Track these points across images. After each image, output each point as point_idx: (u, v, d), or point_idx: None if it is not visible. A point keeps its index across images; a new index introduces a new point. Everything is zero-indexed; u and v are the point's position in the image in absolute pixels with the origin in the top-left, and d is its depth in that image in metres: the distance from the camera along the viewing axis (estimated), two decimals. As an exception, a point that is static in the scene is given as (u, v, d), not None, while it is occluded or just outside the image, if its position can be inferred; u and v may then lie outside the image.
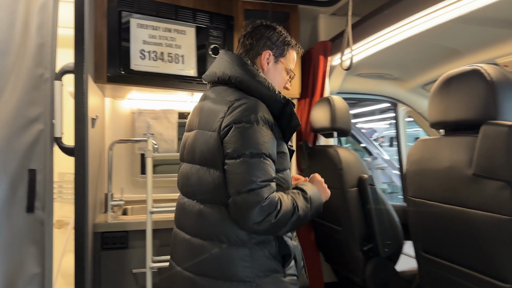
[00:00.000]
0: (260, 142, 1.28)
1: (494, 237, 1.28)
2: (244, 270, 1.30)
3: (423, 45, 2.32)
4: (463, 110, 1.41)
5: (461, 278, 1.45)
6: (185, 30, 2.40)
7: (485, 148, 1.29)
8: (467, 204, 1.37)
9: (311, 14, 2.79)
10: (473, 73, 1.38)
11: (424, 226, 1.63)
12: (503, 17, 1.88)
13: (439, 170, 1.50)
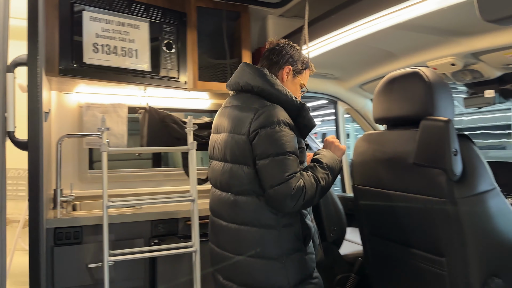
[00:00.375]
0: (283, 142, 1.57)
1: (431, 217, 1.49)
2: (274, 249, 1.60)
3: (363, 48, 2.53)
4: (404, 107, 1.61)
5: (405, 255, 1.66)
6: (138, 25, 2.40)
7: (424, 140, 1.50)
8: (408, 190, 1.58)
9: (260, 15, 2.91)
10: (413, 75, 1.58)
11: (370, 211, 1.82)
12: (433, 25, 2.13)
13: (384, 160, 1.69)
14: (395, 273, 1.74)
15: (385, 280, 1.82)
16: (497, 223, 1.42)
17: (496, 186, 1.45)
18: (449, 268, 1.46)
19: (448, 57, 2.38)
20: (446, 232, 1.45)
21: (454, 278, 1.45)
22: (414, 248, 1.61)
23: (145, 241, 2.27)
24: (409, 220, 1.61)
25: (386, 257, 1.77)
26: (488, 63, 2.35)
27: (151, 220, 2.30)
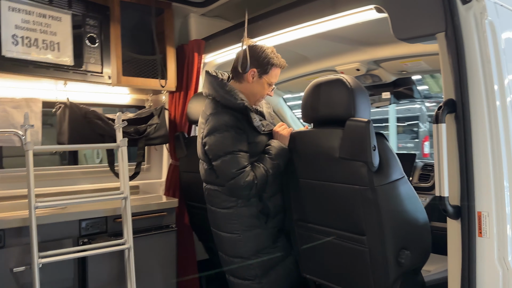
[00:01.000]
0: (228, 144, 1.92)
1: (355, 202, 1.76)
2: (236, 226, 2.04)
3: (281, 51, 2.75)
4: (330, 109, 1.85)
5: (329, 236, 1.92)
6: (60, 17, 2.30)
7: (348, 138, 1.75)
8: (334, 180, 1.83)
9: (183, 12, 2.97)
10: (338, 82, 1.83)
11: (299, 199, 2.05)
12: (345, 36, 2.44)
13: (312, 154, 1.92)
14: (322, 253, 1.99)
15: (313, 260, 2.07)
16: (406, 205, 1.75)
17: (404, 175, 1.77)
18: (369, 245, 1.75)
19: (354, 63, 2.73)
20: (367, 214, 1.73)
21: (374, 253, 1.74)
22: (338, 229, 1.87)
23: (73, 241, 2.22)
24: (335, 205, 1.86)
25: (314, 240, 2.01)
26: (387, 69, 2.75)
27: (79, 220, 2.25)
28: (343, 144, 1.77)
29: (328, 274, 2.01)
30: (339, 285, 1.95)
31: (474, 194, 1.45)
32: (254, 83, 2.09)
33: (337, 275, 1.96)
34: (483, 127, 1.44)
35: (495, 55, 1.46)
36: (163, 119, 2.80)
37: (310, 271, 2.12)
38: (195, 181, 2.76)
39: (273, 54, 2.11)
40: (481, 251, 1.44)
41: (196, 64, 2.85)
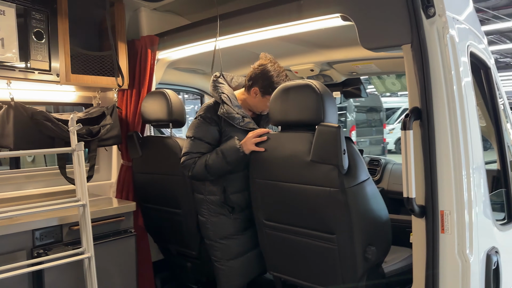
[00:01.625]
0: (194, 130, 2.24)
1: (325, 203, 1.84)
2: (204, 211, 2.33)
3: (236, 50, 2.75)
4: (300, 113, 1.90)
5: (298, 235, 1.99)
6: (4, 10, 2.09)
7: (319, 142, 1.82)
8: (305, 182, 1.89)
9: (133, 6, 2.84)
10: (307, 87, 1.88)
11: (267, 200, 2.09)
12: (302, 38, 2.50)
13: (282, 157, 1.97)
14: (290, 251, 2.06)
15: (280, 258, 2.13)
16: (372, 204, 1.86)
17: (370, 176, 1.89)
18: (338, 243, 1.85)
19: (309, 64, 2.82)
20: (337, 215, 1.82)
21: (343, 250, 1.84)
22: (308, 229, 1.95)
23: (27, 253, 2.06)
24: (304, 206, 1.93)
25: (282, 239, 2.07)
26: (338, 70, 2.88)
27: (32, 230, 2.09)
28: (314, 148, 1.84)
29: (296, 271, 2.08)
30: (308, 282, 2.04)
31: (438, 195, 1.59)
32: (256, 99, 2.32)
33: (306, 272, 2.04)
34: (445, 133, 1.58)
35: (454, 66, 1.60)
36: (116, 118, 2.68)
37: (277, 269, 2.18)
38: (151, 182, 2.70)
39: (278, 78, 2.26)
40: (443, 246, 1.59)
41: (150, 61, 2.75)
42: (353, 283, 1.88)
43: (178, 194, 2.51)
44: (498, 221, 1.92)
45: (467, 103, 1.62)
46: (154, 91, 2.68)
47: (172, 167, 2.48)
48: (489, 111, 2.31)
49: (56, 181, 2.65)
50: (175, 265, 2.93)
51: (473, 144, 1.63)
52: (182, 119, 2.59)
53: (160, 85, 3.16)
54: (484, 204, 1.73)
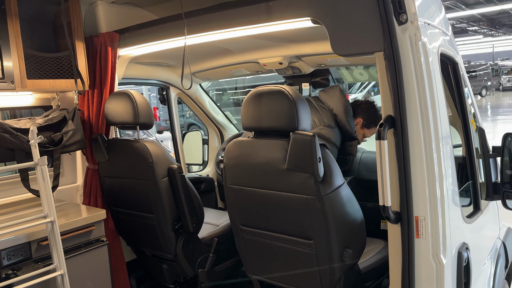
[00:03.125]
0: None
1: (302, 210, 1.84)
2: None
3: (204, 44, 2.65)
4: (273, 120, 1.87)
5: (276, 240, 2.00)
6: None
7: (294, 150, 1.80)
8: (281, 189, 1.89)
9: (89, 0, 2.66)
10: (280, 93, 1.84)
11: (242, 206, 2.08)
12: (271, 34, 2.43)
13: (257, 164, 1.94)
14: (268, 255, 2.07)
15: (258, 261, 2.15)
16: (347, 208, 1.88)
17: (344, 180, 1.90)
18: (316, 248, 1.87)
19: (278, 57, 2.77)
20: (314, 221, 1.83)
21: (320, 255, 1.87)
22: (285, 234, 1.96)
23: (-5, 275, 1.97)
24: (281, 213, 1.93)
25: (260, 244, 2.08)
26: (307, 62, 2.84)
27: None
28: (289, 157, 1.82)
29: (274, 274, 2.11)
30: (287, 284, 2.07)
31: (412, 202, 1.62)
32: (357, 128, 2.71)
33: (284, 275, 2.06)
34: (418, 141, 1.60)
35: (427, 73, 1.60)
36: (78, 122, 2.55)
37: (255, 271, 2.19)
38: (121, 187, 2.62)
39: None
40: (418, 250, 1.63)
41: (110, 59, 2.61)
42: (332, 284, 1.92)
43: (150, 199, 2.45)
44: (464, 208, 1.98)
45: (439, 109, 1.63)
46: (118, 92, 2.55)
47: (142, 172, 2.41)
48: (456, 103, 2.36)
49: (18, 189, 2.52)
50: (150, 266, 2.90)
51: (445, 149, 1.66)
52: (150, 121, 2.50)
53: (123, 79, 3.02)
54: (453, 192, 1.77)
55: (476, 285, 2.08)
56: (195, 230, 2.61)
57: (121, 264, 2.84)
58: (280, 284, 2.12)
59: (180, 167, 2.45)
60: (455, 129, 2.45)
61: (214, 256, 2.74)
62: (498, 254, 2.53)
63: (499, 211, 2.72)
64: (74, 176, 2.92)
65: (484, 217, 2.30)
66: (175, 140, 3.68)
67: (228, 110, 7.48)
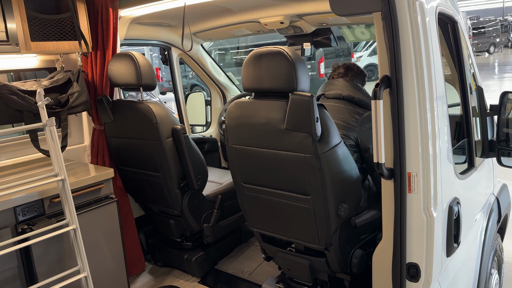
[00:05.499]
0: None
1: (300, 168, 1.92)
2: None
3: (205, 4, 2.65)
4: (273, 81, 1.91)
5: (275, 196, 2.09)
6: None
7: (293, 111, 1.86)
8: (280, 148, 1.96)
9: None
10: (279, 54, 1.87)
11: (244, 164, 2.16)
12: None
13: (257, 125, 2.01)
14: (268, 211, 2.18)
15: (260, 216, 2.26)
16: (343, 166, 1.96)
17: (341, 139, 1.97)
18: (313, 203, 1.96)
19: (279, 16, 2.76)
20: (312, 179, 1.92)
21: (317, 210, 1.97)
22: (285, 191, 2.05)
23: (11, 230, 2.09)
24: (281, 171, 2.01)
25: (260, 200, 2.18)
26: (308, 22, 2.83)
27: (13, 207, 2.10)
28: (288, 117, 1.88)
29: (274, 227, 2.22)
30: (287, 236, 2.19)
31: (405, 158, 1.69)
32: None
33: (284, 228, 2.18)
34: (413, 100, 1.64)
35: (423, 33, 1.62)
36: (83, 84, 2.60)
37: (257, 225, 2.31)
38: (127, 147, 2.71)
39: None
40: (410, 204, 1.72)
41: (112, 20, 2.62)
42: (328, 236, 2.03)
43: (156, 158, 2.54)
44: (458, 165, 2.06)
45: (434, 69, 1.67)
46: (120, 53, 2.58)
47: (147, 132, 2.48)
48: (454, 60, 2.38)
49: (28, 150, 2.62)
50: (158, 221, 3.04)
51: (439, 108, 1.71)
52: (153, 82, 2.55)
53: (124, 40, 3.04)
54: (447, 150, 1.84)
55: (468, 237, 2.19)
56: (199, 188, 2.72)
57: (130, 219, 2.98)
58: (279, 236, 2.24)
59: (184, 128, 2.53)
60: (454, 88, 2.49)
61: (218, 212, 2.87)
62: (491, 209, 2.62)
63: (495, 169, 2.80)
64: (81, 136, 3.00)
65: (478, 174, 2.37)
66: (178, 101, 3.73)
67: (231, 71, 7.46)
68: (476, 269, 2.34)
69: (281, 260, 2.37)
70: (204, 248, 2.96)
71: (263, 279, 2.60)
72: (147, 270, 3.13)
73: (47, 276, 2.12)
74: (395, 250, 1.75)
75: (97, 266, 2.38)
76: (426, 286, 1.75)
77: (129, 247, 2.90)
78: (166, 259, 3.10)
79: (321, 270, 2.25)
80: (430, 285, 1.75)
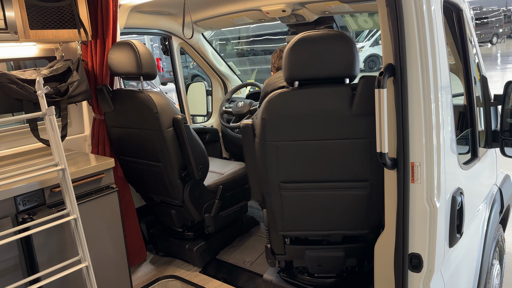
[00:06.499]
0: None
1: (361, 154, 1.90)
2: None
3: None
4: (333, 66, 1.82)
5: (323, 189, 2.02)
6: None
7: (365, 95, 1.81)
8: (342, 136, 1.89)
9: None
10: (340, 37, 1.80)
11: (287, 162, 2.01)
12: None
13: (314, 115, 1.89)
14: (311, 208, 2.08)
15: (297, 218, 2.14)
16: None
17: None
18: (372, 188, 1.93)
19: (281, 4, 2.72)
20: (375, 163, 1.88)
21: (375, 193, 1.92)
22: (336, 181, 1.99)
23: (12, 219, 2.09)
24: (337, 160, 1.94)
25: (301, 196, 2.06)
26: (311, 10, 2.80)
27: (14, 197, 2.10)
28: (359, 101, 1.83)
29: (315, 224, 2.13)
30: (328, 230, 2.13)
31: (409, 148, 1.67)
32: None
33: (328, 222, 2.10)
34: (417, 90, 1.62)
35: (428, 21, 1.59)
36: (83, 73, 2.57)
37: (292, 227, 2.16)
38: (127, 136, 2.69)
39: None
40: (413, 194, 1.71)
41: (111, 7, 2.58)
42: (377, 223, 2.01)
43: (157, 148, 2.52)
44: (461, 156, 2.03)
45: (439, 58, 1.64)
46: (120, 42, 2.55)
47: (147, 122, 2.46)
48: (459, 49, 2.35)
49: (28, 139, 2.60)
50: (159, 211, 3.04)
51: (444, 97, 1.69)
52: (153, 71, 2.52)
53: (124, 29, 3.01)
54: (450, 140, 1.81)
55: (470, 228, 2.18)
56: (200, 178, 2.71)
57: (131, 209, 2.98)
58: (318, 232, 2.17)
59: (185, 118, 2.50)
60: (458, 78, 2.46)
61: (220, 202, 2.86)
62: (493, 200, 2.61)
63: (498, 160, 2.78)
64: (82, 126, 2.98)
65: (481, 164, 2.35)
66: (179, 91, 3.70)
67: (232, 61, 7.42)
68: (478, 260, 2.34)
69: (311, 258, 2.24)
70: (205, 238, 2.96)
71: (264, 269, 2.60)
72: (149, 260, 3.14)
73: (48, 265, 2.12)
74: (398, 240, 1.74)
75: (98, 256, 2.38)
76: (428, 276, 1.74)
77: (131, 237, 2.90)
78: (168, 249, 3.10)
79: (353, 257, 2.22)
80: (432, 276, 1.74)
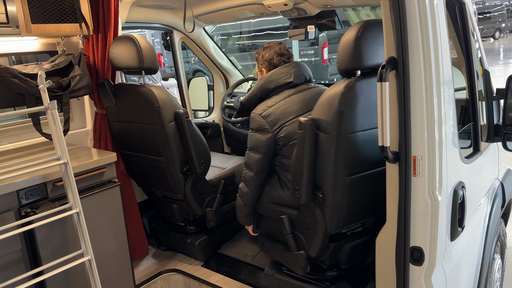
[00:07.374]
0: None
1: None
2: None
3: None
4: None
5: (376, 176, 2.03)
6: None
7: None
8: None
9: None
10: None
11: (351, 154, 1.99)
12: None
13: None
14: (367, 197, 2.11)
15: (355, 210, 2.14)
16: None
17: None
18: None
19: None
20: None
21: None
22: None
23: (15, 213, 2.10)
24: None
25: (366, 184, 2.08)
26: (312, 3, 2.79)
27: (16, 191, 2.10)
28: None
29: (365, 212, 2.17)
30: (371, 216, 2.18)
31: (411, 142, 1.67)
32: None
33: (375, 207, 2.11)
34: (419, 83, 1.62)
35: (431, 14, 1.59)
36: (84, 67, 2.57)
37: (348, 221, 2.16)
38: (129, 131, 2.69)
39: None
40: (415, 188, 1.71)
41: (113, 2, 2.58)
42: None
43: (158, 142, 2.53)
44: (463, 150, 2.02)
45: (441, 52, 1.64)
46: (122, 36, 2.55)
47: (149, 116, 2.46)
48: (461, 43, 2.34)
49: (30, 134, 2.61)
50: (161, 206, 3.04)
51: (446, 91, 1.68)
52: (155, 65, 2.52)
53: (126, 24, 3.00)
54: (452, 134, 1.80)
55: (472, 222, 2.18)
56: (202, 173, 2.72)
57: (133, 204, 2.99)
58: (359, 222, 2.22)
59: (186, 112, 2.50)
60: (461, 72, 2.45)
61: (221, 196, 2.87)
62: (495, 194, 2.61)
63: (500, 154, 2.78)
64: (84, 121, 2.99)
65: (483, 158, 2.35)
66: (180, 85, 3.70)
67: (233, 56, 7.40)
68: (480, 254, 2.34)
69: (346, 251, 2.26)
70: (207, 232, 2.97)
71: (266, 263, 2.61)
72: (151, 253, 3.15)
73: (51, 259, 2.13)
74: (399, 233, 1.74)
75: (100, 249, 2.39)
76: (430, 270, 1.75)
77: (133, 231, 2.91)
78: (170, 243, 3.11)
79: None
80: (433, 269, 1.74)
